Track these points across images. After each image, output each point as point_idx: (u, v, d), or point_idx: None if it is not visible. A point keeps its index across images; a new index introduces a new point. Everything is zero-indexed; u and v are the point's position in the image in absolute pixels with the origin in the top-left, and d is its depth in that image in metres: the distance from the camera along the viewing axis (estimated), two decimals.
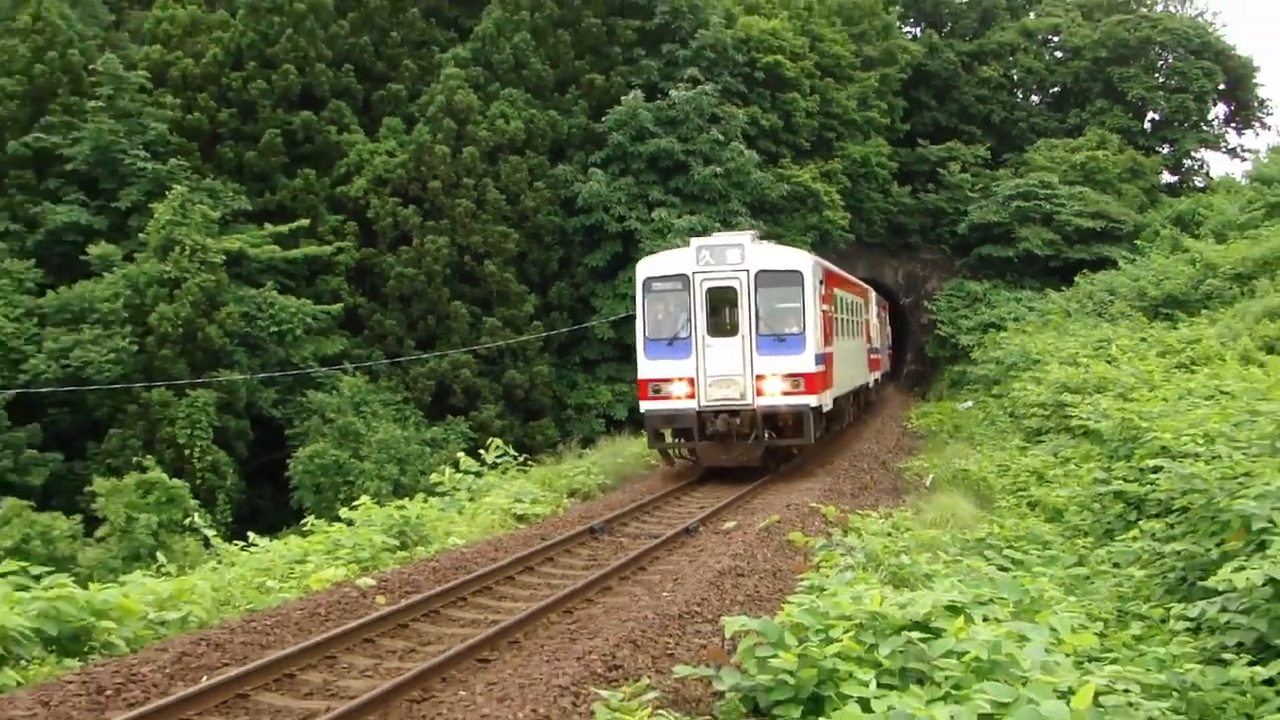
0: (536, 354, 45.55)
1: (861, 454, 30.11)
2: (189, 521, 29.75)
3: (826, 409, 26.58)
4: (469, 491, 23.47)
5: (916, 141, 64.19)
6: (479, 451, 25.99)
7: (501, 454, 25.54)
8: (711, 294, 24.44)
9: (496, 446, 25.72)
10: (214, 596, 13.85)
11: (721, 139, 48.02)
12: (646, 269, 25.66)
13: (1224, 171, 70.51)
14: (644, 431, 27.04)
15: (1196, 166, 69.29)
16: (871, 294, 42.50)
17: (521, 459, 26.80)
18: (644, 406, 25.09)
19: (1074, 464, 21.96)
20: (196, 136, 45.65)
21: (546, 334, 45.69)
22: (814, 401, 24.41)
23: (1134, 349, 31.81)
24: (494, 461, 25.21)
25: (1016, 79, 70.09)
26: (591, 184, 46.60)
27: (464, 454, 25.90)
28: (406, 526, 18.38)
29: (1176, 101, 65.85)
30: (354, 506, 20.00)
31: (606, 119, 48.10)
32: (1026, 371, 35.83)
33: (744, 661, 9.74)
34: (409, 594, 13.96)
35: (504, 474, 24.79)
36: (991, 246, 57.13)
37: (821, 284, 26.38)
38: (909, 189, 61.19)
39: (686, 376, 24.22)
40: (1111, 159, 60.42)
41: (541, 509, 21.87)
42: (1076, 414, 24.37)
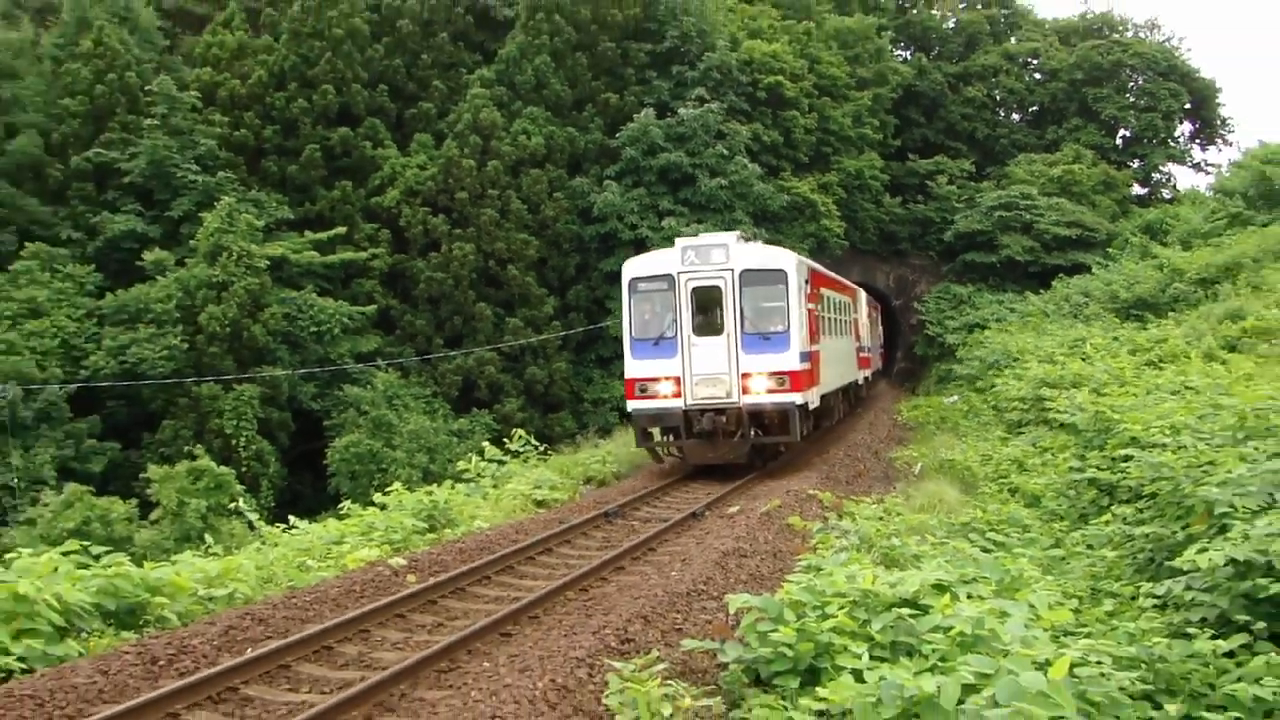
0: (555, 352, 45.61)
1: (856, 444, 30.04)
2: (235, 506, 29.77)
3: (813, 406, 24.96)
4: (493, 478, 23.46)
5: (907, 156, 64.02)
6: (503, 441, 26.02)
7: (524, 444, 25.53)
8: (696, 293, 22.99)
9: (519, 437, 25.72)
10: (258, 575, 13.88)
11: (726, 153, 47.97)
12: (632, 269, 24.08)
13: (1189, 184, 70.24)
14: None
15: (1164, 180, 69.09)
16: (861, 295, 41.35)
17: (541, 449, 26.80)
18: (631, 406, 23.69)
19: (1051, 454, 21.89)
20: (243, 151, 45.81)
21: (565, 333, 45.72)
22: (799, 399, 22.86)
23: (1107, 348, 31.69)
24: (517, 450, 25.21)
25: (999, 99, 69.87)
26: (606, 195, 46.63)
27: (488, 444, 25.94)
28: (435, 510, 18.38)
29: (1146, 120, 65.75)
30: (387, 492, 20.03)
31: (620, 135, 48.12)
32: (1008, 368, 35.71)
33: (746, 635, 9.72)
34: (437, 573, 13.96)
35: (525, 462, 24.76)
36: (976, 253, 56.96)
37: (807, 283, 24.95)
38: (900, 200, 61.00)
39: (673, 376, 22.86)
40: (1086, 173, 60.27)
41: (560, 495, 21.84)
42: (1054, 407, 24.26)
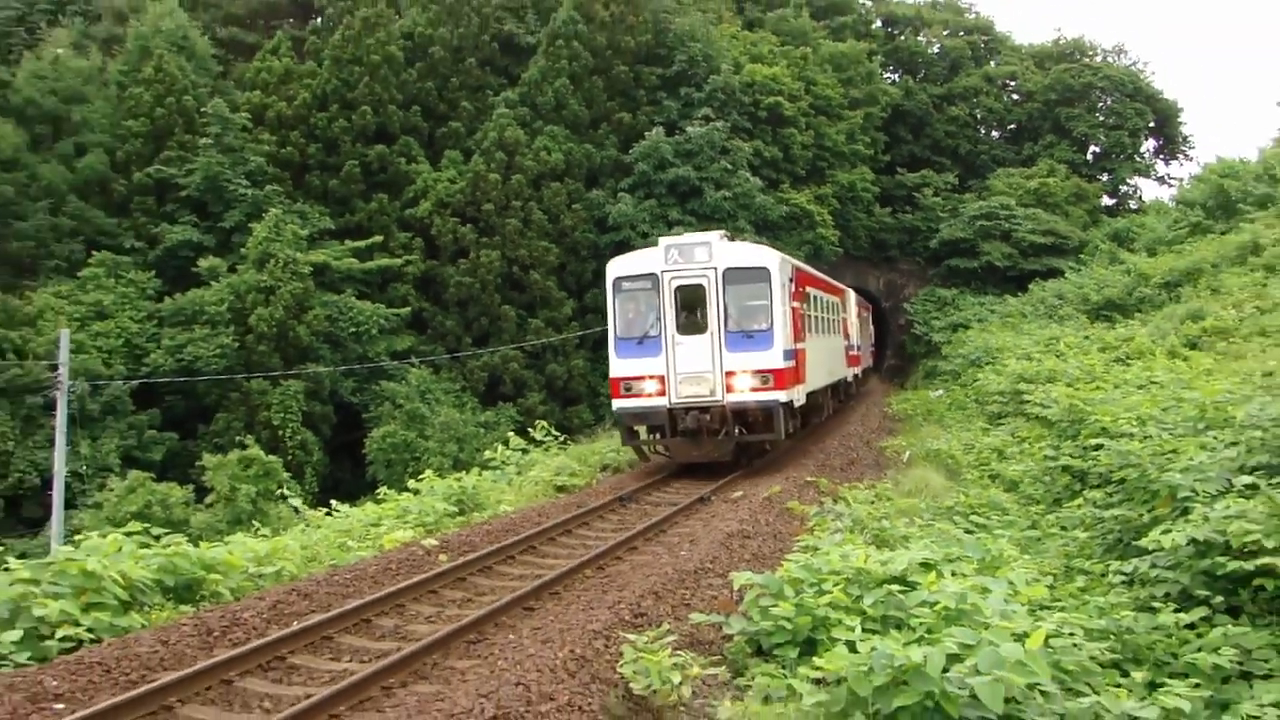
0: (574, 350, 45.65)
1: (849, 435, 29.92)
2: (281, 491, 29.85)
3: (798, 404, 23.07)
4: (517, 466, 23.45)
5: (896, 170, 63.94)
6: (526, 432, 26.00)
7: (545, 434, 25.49)
8: (680, 292, 21.16)
9: (541, 428, 25.66)
10: (303, 554, 13.93)
11: (730, 168, 47.99)
12: (616, 269, 22.25)
13: (1154, 196, 70.25)
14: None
15: (1131, 192, 69.00)
16: (850, 295, 39.82)
17: (561, 439, 26.73)
18: (616, 405, 21.85)
19: (1028, 443, 21.84)
20: (289, 167, 45.90)
21: (582, 333, 45.71)
22: (783, 397, 21.01)
23: (1079, 346, 31.62)
24: (539, 440, 25.18)
25: (979, 117, 69.83)
26: (620, 206, 46.69)
27: (512, 434, 25.93)
28: (464, 495, 18.38)
29: (1114, 137, 65.80)
30: (420, 479, 20.06)
31: (633, 151, 48.18)
32: (988, 365, 35.66)
33: (749, 610, 9.74)
34: (466, 552, 13.94)
35: (547, 451, 24.68)
36: (959, 259, 56.99)
37: (791, 282, 23.01)
38: (889, 210, 60.96)
39: (657, 374, 21.06)
40: (1059, 185, 60.28)
41: (578, 481, 21.73)
42: (1031, 400, 24.21)
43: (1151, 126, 67.76)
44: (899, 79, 69.65)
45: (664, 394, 21.04)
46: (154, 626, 10.25)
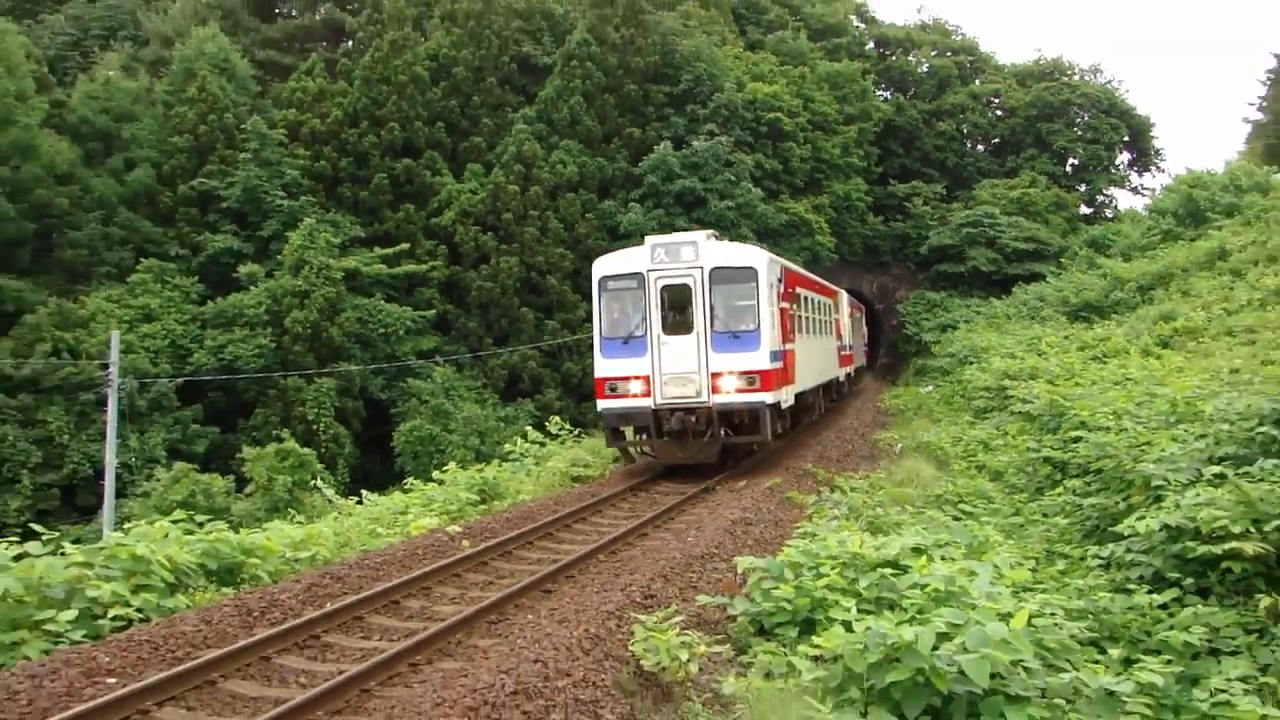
0: (587, 350, 45.48)
1: (845, 429, 29.89)
2: (315, 482, 29.91)
3: (786, 405, 21.56)
4: (535, 458, 23.48)
5: (888, 181, 63.92)
6: (543, 426, 26.02)
7: (561, 428, 25.51)
8: (666, 292, 19.76)
9: (557, 422, 25.69)
10: (335, 540, 13.95)
11: (733, 179, 47.96)
12: (602, 268, 20.84)
13: (1128, 205, 69.77)
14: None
15: (1107, 201, 68.74)
16: (843, 296, 38.45)
17: (576, 432, 26.76)
18: (601, 405, 20.33)
19: (1012, 436, 21.79)
20: (322, 180, 45.91)
21: None
22: (770, 399, 19.48)
23: (1059, 345, 31.58)
24: (555, 434, 25.20)
25: (966, 132, 69.65)
26: (631, 215, 46.61)
27: (531, 428, 25.95)
28: (485, 485, 18.42)
29: (1091, 150, 65.68)
30: (444, 470, 20.11)
31: (643, 164, 48.12)
32: (975, 363, 35.63)
33: (752, 592, 9.75)
34: (488, 538, 13.96)
35: (563, 444, 24.73)
36: (947, 264, 57.00)
37: (780, 282, 21.54)
38: (882, 218, 60.85)
39: (642, 375, 19.65)
40: (1040, 195, 60.30)
41: (592, 472, 21.77)
42: (1014, 396, 24.19)
43: (1126, 140, 67.72)
44: (890, 96, 69.57)
45: (649, 395, 19.69)
46: (198, 607, 10.27)
